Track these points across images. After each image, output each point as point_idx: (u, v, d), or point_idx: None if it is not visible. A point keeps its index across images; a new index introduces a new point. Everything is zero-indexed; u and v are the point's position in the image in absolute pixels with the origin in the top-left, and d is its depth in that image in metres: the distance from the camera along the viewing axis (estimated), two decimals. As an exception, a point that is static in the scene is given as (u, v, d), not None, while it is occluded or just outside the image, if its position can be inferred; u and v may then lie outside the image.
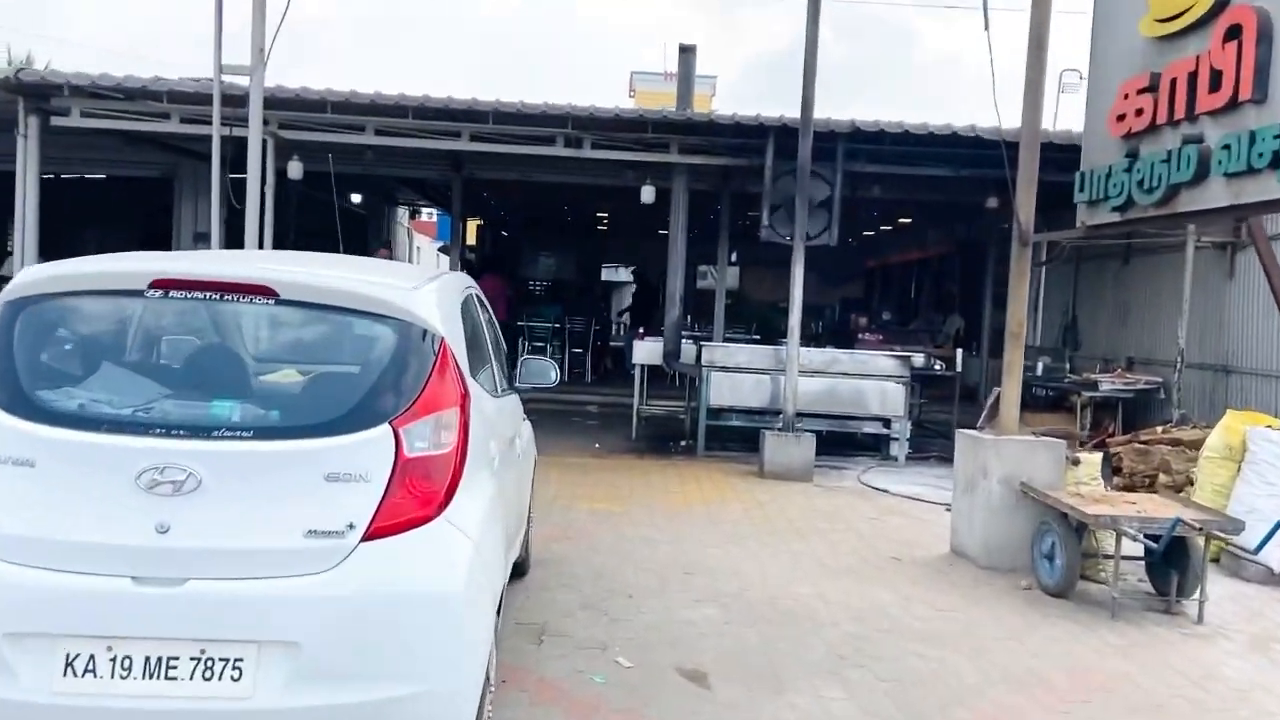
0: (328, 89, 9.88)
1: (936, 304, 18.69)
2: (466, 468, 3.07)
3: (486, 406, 3.68)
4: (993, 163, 10.93)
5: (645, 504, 7.98)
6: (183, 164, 15.11)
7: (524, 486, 5.16)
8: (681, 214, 10.84)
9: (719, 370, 10.34)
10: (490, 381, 4.22)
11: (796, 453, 9.37)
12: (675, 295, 10.89)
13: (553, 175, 14.70)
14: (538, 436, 11.40)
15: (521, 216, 23.50)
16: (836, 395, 10.38)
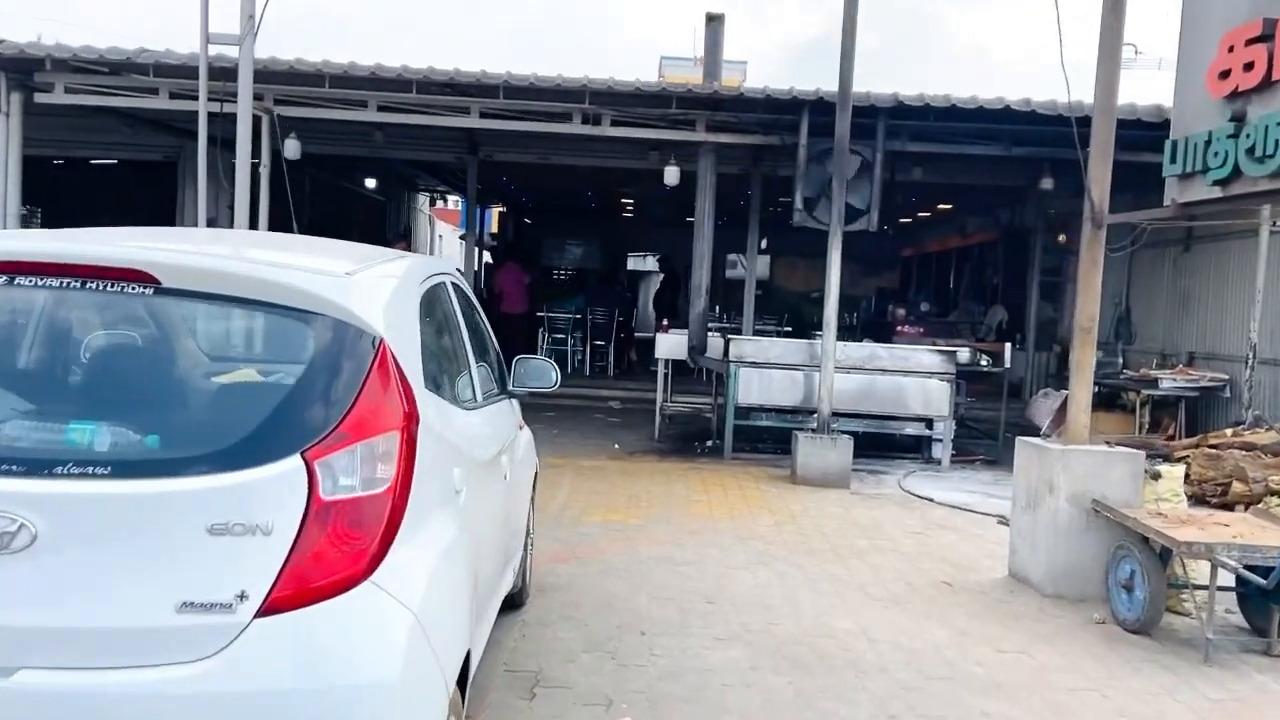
0: (324, 60, 9.17)
1: (978, 295, 17.75)
2: (410, 510, 2.33)
3: (453, 424, 2.94)
4: (1048, 140, 10.06)
5: (665, 515, 7.22)
6: (188, 146, 14.47)
7: (518, 508, 4.43)
8: (708, 198, 10.04)
9: (748, 366, 9.56)
10: (468, 389, 3.48)
11: (832, 457, 8.57)
12: (701, 286, 10.11)
13: (573, 157, 13.97)
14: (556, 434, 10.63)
15: (544, 203, 22.79)
16: (875, 393, 9.56)
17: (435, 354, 3.05)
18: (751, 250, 14.25)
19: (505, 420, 4.22)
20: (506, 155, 14.25)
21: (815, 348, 9.50)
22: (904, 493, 8.60)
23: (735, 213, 18.30)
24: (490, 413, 3.79)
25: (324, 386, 2.28)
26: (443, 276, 3.45)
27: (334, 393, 2.27)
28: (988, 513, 7.89)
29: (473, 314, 4.09)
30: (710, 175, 10.09)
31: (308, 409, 2.25)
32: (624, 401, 13.61)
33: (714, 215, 10.15)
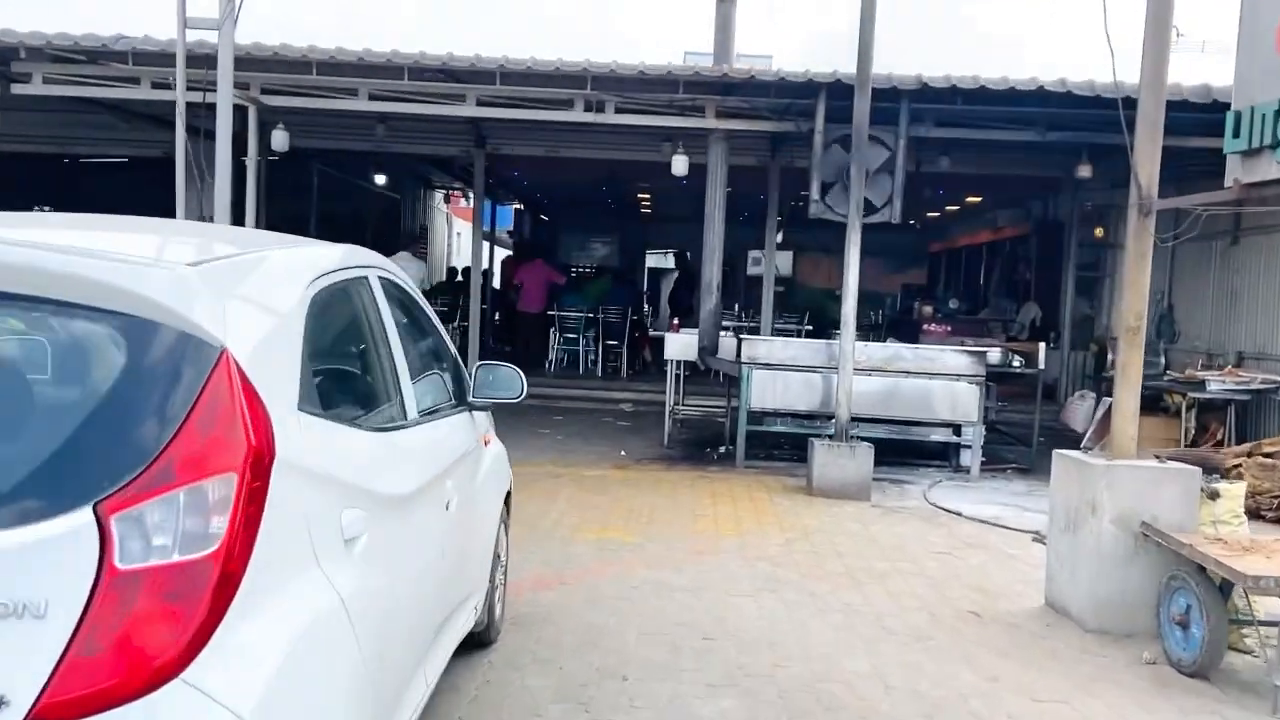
0: (310, 46, 8.64)
1: (1009, 291, 16.99)
2: (257, 574, 1.76)
3: (351, 454, 2.36)
4: (1085, 125, 9.38)
5: (666, 533, 6.63)
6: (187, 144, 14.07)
7: (475, 538, 3.86)
8: (719, 189, 9.44)
9: (761, 368, 8.94)
10: (395, 406, 2.91)
11: (851, 466, 7.94)
12: (712, 282, 9.50)
13: (582, 149, 13.40)
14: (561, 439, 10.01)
15: (560, 199, 22.25)
16: (898, 397, 8.91)
17: (335, 366, 2.49)
18: (769, 245, 13.63)
19: (457, 437, 3.65)
20: (514, 148, 13.71)
21: (834, 348, 8.87)
22: (929, 505, 7.95)
23: (757, 207, 17.67)
24: (430, 431, 3.22)
25: (135, 414, 1.72)
26: (360, 271, 2.88)
27: (148, 422, 1.71)
28: (1022, 529, 7.24)
29: (413, 315, 3.53)
30: (721, 165, 9.48)
31: (109, 445, 1.69)
32: (636, 404, 13.04)
33: (725, 207, 9.54)
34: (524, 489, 7.80)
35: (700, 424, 11.25)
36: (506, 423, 11.12)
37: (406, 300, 3.46)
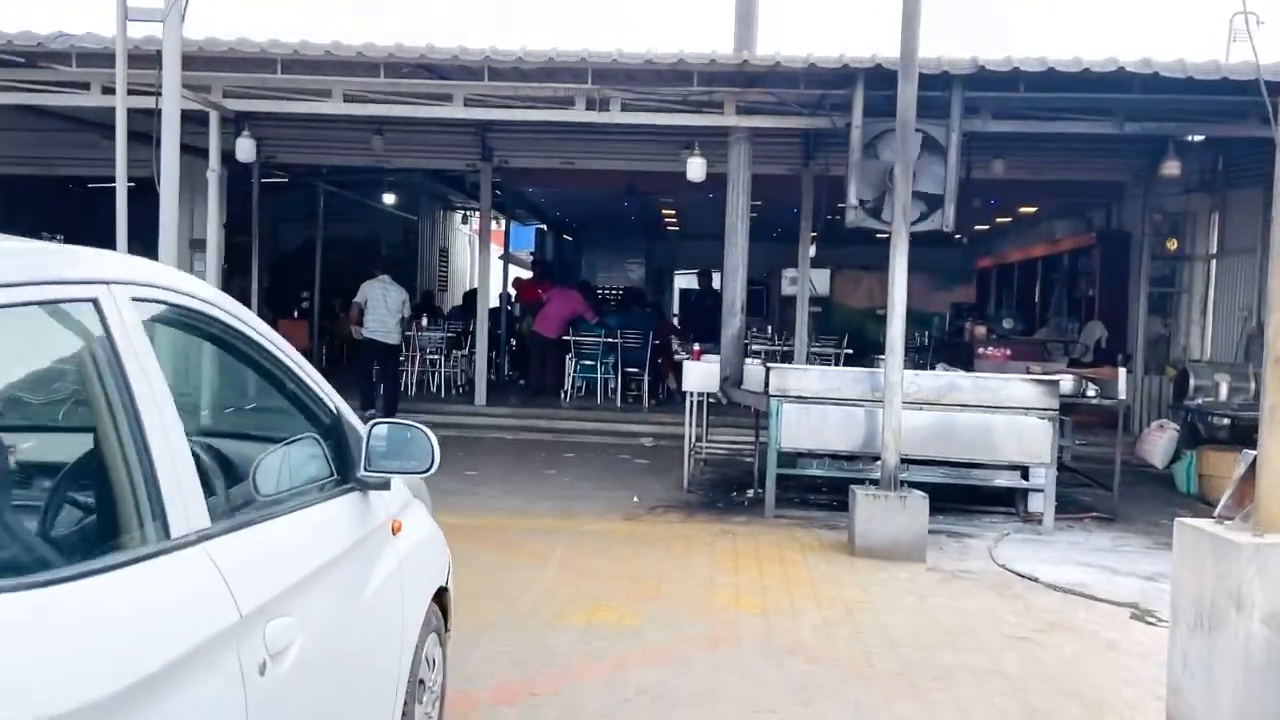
0: (272, 40, 7.57)
1: (1069, 309, 15.55)
2: None
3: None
4: (1176, 113, 8.08)
5: (675, 611, 5.38)
6: (174, 160, 13.16)
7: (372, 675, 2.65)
8: (741, 196, 8.22)
9: (793, 402, 7.68)
10: (140, 520, 1.72)
11: (901, 520, 6.64)
12: (735, 303, 8.26)
13: (597, 159, 12.33)
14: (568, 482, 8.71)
15: (578, 217, 21.19)
16: (955, 434, 7.60)
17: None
18: (803, 262, 12.40)
19: (328, 535, 2.46)
20: (523, 160, 12.66)
21: (878, 378, 7.59)
22: (997, 568, 6.61)
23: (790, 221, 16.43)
24: (229, 548, 2.01)
25: None
26: (73, 292, 1.69)
27: None
28: (1115, 600, 5.90)
29: (250, 361, 2.36)
30: (744, 169, 8.26)
31: None
32: (657, 438, 11.79)
33: (749, 218, 8.32)
34: (509, 551, 6.62)
35: (726, 463, 9.99)
36: (508, 464, 9.95)
37: (228, 337, 2.28)
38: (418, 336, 13.99)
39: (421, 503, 3.53)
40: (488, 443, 11.40)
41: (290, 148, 12.80)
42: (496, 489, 8.66)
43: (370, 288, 11.67)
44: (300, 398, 2.59)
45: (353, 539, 2.62)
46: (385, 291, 11.62)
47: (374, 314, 11.51)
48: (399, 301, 11.68)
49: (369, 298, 11.58)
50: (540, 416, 12.54)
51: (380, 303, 11.53)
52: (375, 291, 11.59)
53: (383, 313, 11.48)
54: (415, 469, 2.75)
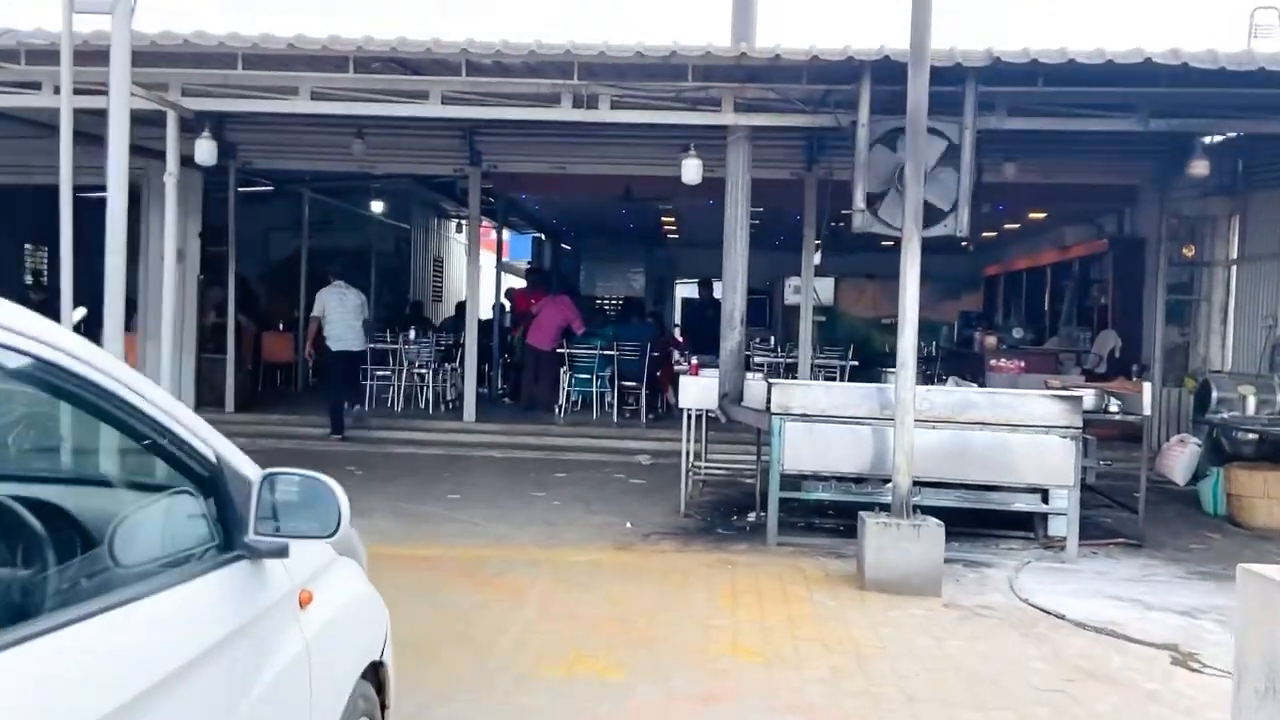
0: (231, 33, 7.03)
1: (1080, 318, 15.01)
2: None
3: None
4: (1206, 108, 7.55)
5: (665, 660, 4.82)
6: (151, 168, 12.65)
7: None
8: (741, 199, 7.68)
9: (797, 420, 7.13)
10: None
11: (915, 551, 6.08)
12: (734, 314, 7.72)
13: (591, 163, 11.83)
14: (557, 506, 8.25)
15: (575, 225, 20.67)
16: (970, 455, 7.04)
17: None
18: (806, 270, 11.86)
19: (192, 628, 1.91)
20: (513, 164, 12.14)
21: (887, 394, 7.05)
22: (1020, 602, 6.05)
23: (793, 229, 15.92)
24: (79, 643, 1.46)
25: None
26: None
27: None
28: (1152, 642, 5.34)
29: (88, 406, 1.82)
30: (743, 171, 7.72)
31: None
32: (655, 455, 11.24)
33: (749, 224, 7.77)
34: (487, 588, 6.04)
35: (726, 483, 9.43)
36: (495, 486, 9.40)
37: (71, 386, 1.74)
38: (404, 349, 13.47)
39: (351, 560, 2.98)
40: (475, 462, 10.85)
41: (267, 152, 12.32)
42: (480, 513, 8.12)
43: (327, 295, 11.30)
44: (170, 450, 2.04)
45: (236, 623, 2.07)
46: (342, 296, 11.26)
47: (336, 322, 11.16)
48: (357, 304, 11.33)
49: (327, 305, 11.21)
50: (532, 433, 11.99)
51: (338, 309, 11.18)
52: (332, 298, 11.23)
53: (344, 320, 11.15)
54: (315, 532, 2.21)
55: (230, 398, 12.50)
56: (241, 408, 12.71)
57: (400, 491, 8.95)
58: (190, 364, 12.69)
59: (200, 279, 12.70)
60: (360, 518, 7.48)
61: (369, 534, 7.64)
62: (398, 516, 7.91)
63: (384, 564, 6.81)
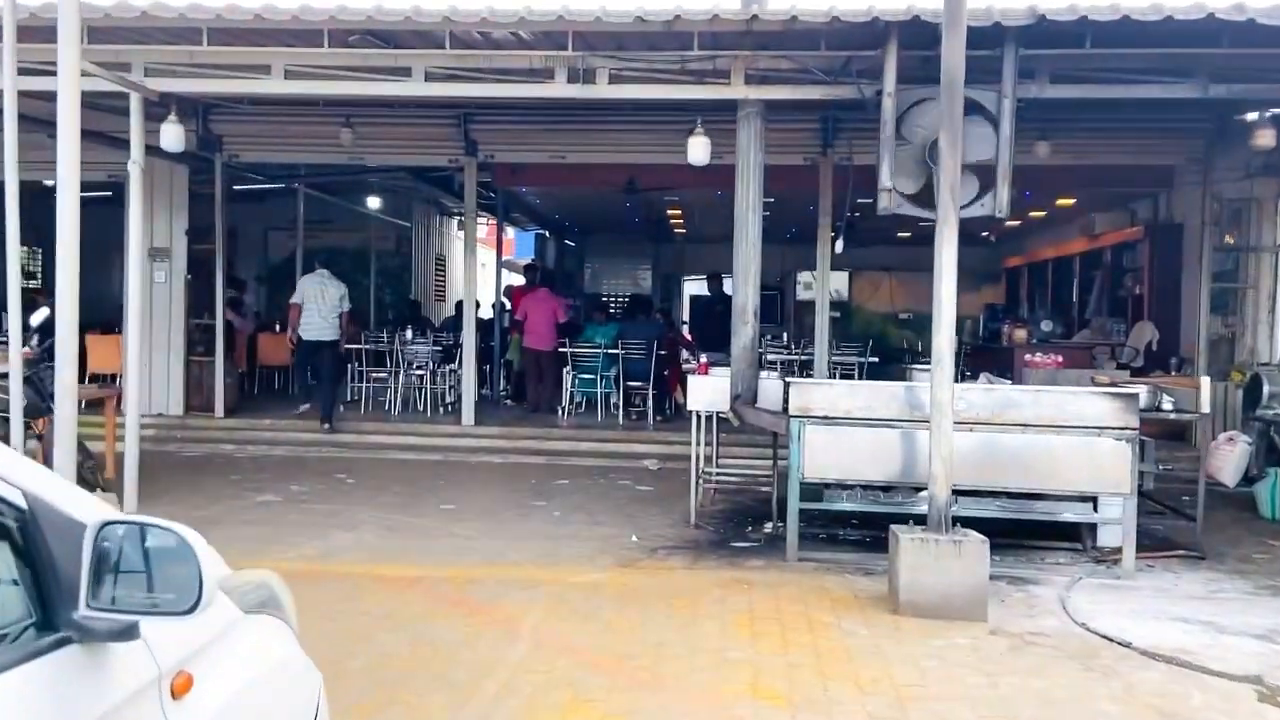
0: (192, 3, 6.36)
1: (1110, 308, 14.27)
2: None
3: None
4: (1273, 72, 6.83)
5: (673, 707, 4.14)
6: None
7: None
8: (753, 182, 6.99)
9: (819, 423, 6.45)
10: None
11: (955, 570, 5.40)
12: (746, 308, 7.03)
13: (593, 151, 11.21)
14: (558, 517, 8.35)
15: (578, 220, 20.01)
16: (1012, 460, 6.36)
17: None
18: (822, 263, 11.17)
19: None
20: (510, 154, 11.49)
21: (916, 394, 6.38)
22: (1077, 627, 5.35)
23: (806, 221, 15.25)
24: None
25: None
26: None
27: None
28: (1232, 674, 4.64)
29: None
30: (755, 151, 7.03)
31: None
32: (663, 459, 10.58)
33: (761, 209, 7.08)
34: (475, 616, 5.38)
35: (740, 490, 8.76)
36: (493, 495, 8.74)
37: None
38: (402, 350, 12.84)
39: (273, 617, 2.32)
40: (473, 469, 10.21)
41: (254, 144, 11.70)
42: (474, 526, 7.48)
43: (307, 282, 11.43)
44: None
45: None
46: (322, 286, 11.29)
47: (310, 311, 11.22)
48: (336, 297, 11.29)
49: (306, 293, 11.31)
50: (533, 437, 11.34)
51: (317, 299, 11.23)
52: (312, 287, 11.30)
53: (319, 310, 11.20)
54: (169, 606, 1.55)
55: (219, 401, 11.89)
56: (232, 412, 12.10)
57: (391, 502, 8.32)
58: (179, 367, 12.09)
59: (188, 279, 12.09)
60: (346, 532, 6.82)
61: (355, 551, 7.05)
62: (387, 531, 7.28)
63: (366, 587, 6.20)
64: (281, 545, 6.73)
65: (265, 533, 7.08)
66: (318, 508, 8.01)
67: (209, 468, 9.90)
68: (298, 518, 7.63)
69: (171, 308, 12.06)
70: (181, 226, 12.01)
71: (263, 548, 6.63)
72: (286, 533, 7.12)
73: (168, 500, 8.18)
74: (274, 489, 8.79)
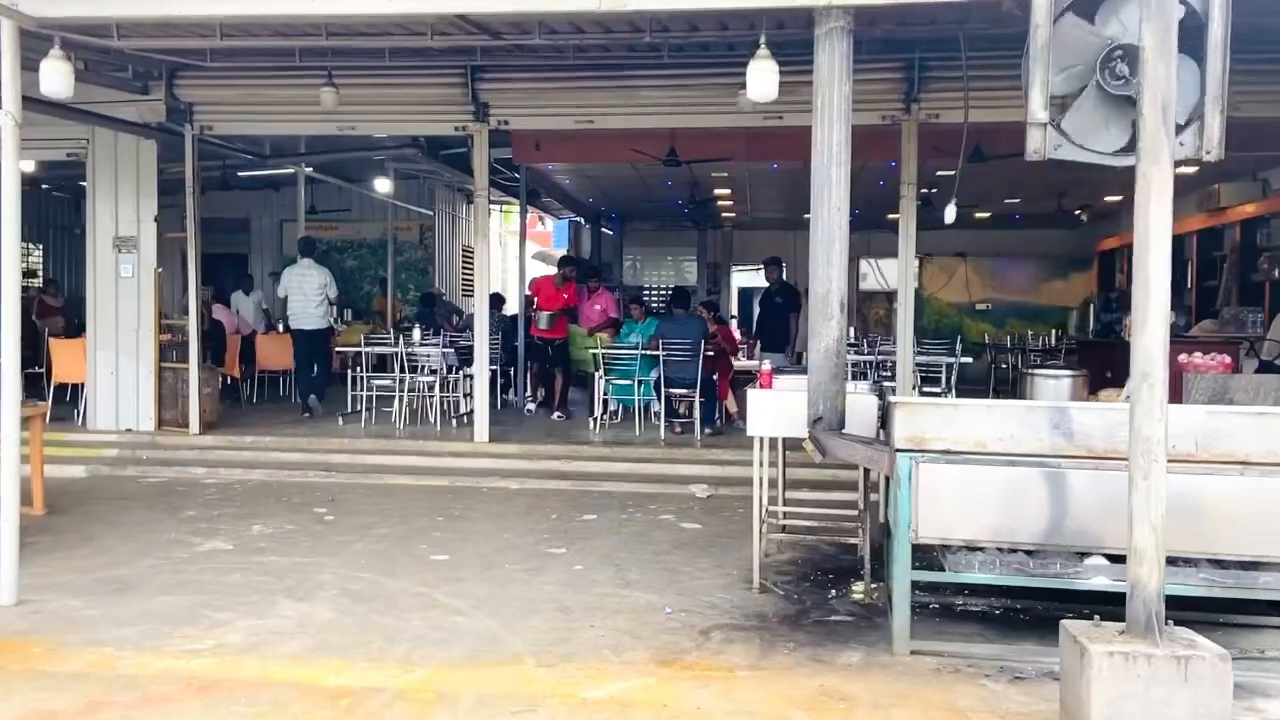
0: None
1: (1241, 296, 12.12)
2: None
3: None
4: None
5: None
6: (99, 135, 10.45)
7: None
8: (838, 122, 5.02)
9: (939, 459, 4.52)
10: None
11: (1181, 704, 3.45)
12: (830, 296, 5.09)
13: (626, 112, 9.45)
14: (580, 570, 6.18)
15: (616, 205, 18.15)
16: (1226, 513, 4.38)
17: None
18: (905, 242, 9.17)
19: None
20: (529, 118, 9.69)
21: (1071, 417, 4.43)
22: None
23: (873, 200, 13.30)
24: None
25: None
26: None
27: None
28: None
29: None
30: (841, 79, 5.05)
31: None
32: (713, 484, 8.71)
33: (847, 157, 5.13)
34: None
35: (814, 528, 6.82)
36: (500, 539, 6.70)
37: None
38: (408, 353, 11.08)
39: None
40: (483, 497, 8.41)
41: (228, 113, 10.03)
42: (467, 591, 5.66)
43: (288, 273, 11.42)
44: None
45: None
46: (303, 276, 11.22)
47: (294, 301, 11.26)
48: (317, 284, 11.18)
49: (288, 285, 11.31)
50: (558, 456, 9.51)
51: (298, 289, 11.20)
52: (294, 278, 11.27)
53: (301, 298, 11.17)
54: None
55: (194, 416, 10.22)
56: (211, 426, 10.44)
57: (370, 551, 6.54)
58: (149, 376, 10.44)
59: (158, 272, 10.44)
60: (296, 602, 4.55)
61: (296, 635, 4.61)
62: (349, 600, 5.47)
63: (283, 709, 3.90)
64: (198, 627, 4.96)
65: (187, 605, 5.32)
66: (272, 562, 6.25)
67: (164, 500, 8.20)
68: (241, 579, 5.86)
69: (140, 306, 10.42)
70: (149, 210, 10.36)
71: (171, 630, 4.89)
72: (217, 603, 5.35)
73: (87, 551, 6.47)
74: (229, 532, 7.05)
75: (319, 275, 11.20)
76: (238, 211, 19.62)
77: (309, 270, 11.22)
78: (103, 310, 10.47)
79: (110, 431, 10.36)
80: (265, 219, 19.87)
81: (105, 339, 10.47)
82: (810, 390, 5.14)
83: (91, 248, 10.52)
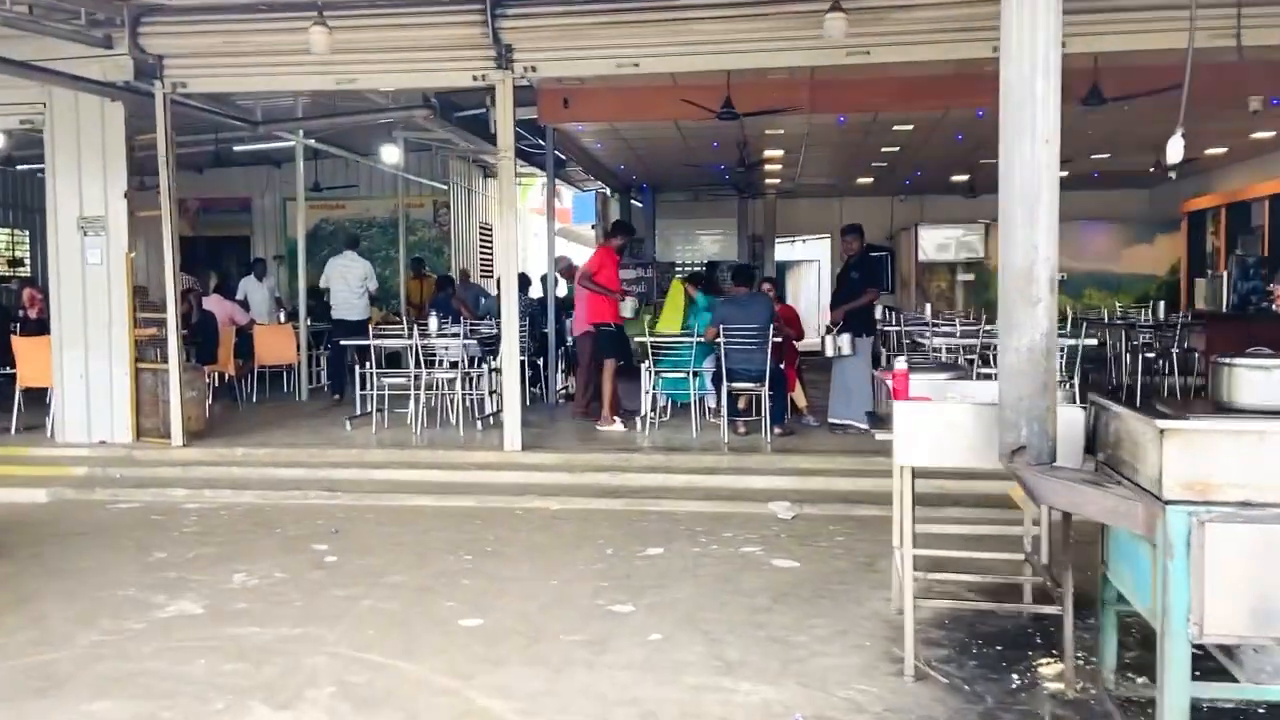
0: None
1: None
2: None
3: None
4: None
5: None
6: (57, 98, 8.93)
7: None
8: (1043, 13, 3.44)
9: (1233, 516, 2.93)
10: None
11: None
12: (1035, 270, 3.45)
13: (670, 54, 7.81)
14: (653, 644, 5.05)
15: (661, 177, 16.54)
16: None
17: None
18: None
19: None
20: (558, 64, 8.11)
21: None
22: None
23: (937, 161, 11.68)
24: None
25: None
26: None
27: None
28: None
29: None
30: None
31: None
32: (796, 500, 7.15)
33: (1058, 68, 3.54)
34: None
35: (961, 565, 5.23)
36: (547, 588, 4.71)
37: None
38: (421, 347, 9.52)
39: None
40: (518, 524, 6.89)
41: (204, 67, 8.52)
42: (511, 681, 4.13)
43: (332, 264, 11.29)
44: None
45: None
46: (347, 267, 11.11)
47: (337, 293, 11.10)
48: (360, 277, 11.05)
49: (331, 275, 11.18)
50: (604, 467, 7.97)
51: (341, 280, 11.08)
52: (337, 268, 11.16)
53: (345, 291, 11.06)
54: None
55: (176, 425, 8.75)
56: (198, 436, 8.98)
57: (378, 611, 5.03)
58: (124, 378, 8.97)
59: (131, 256, 8.94)
60: (275, 712, 3.29)
61: None
62: (350, 706, 3.95)
63: None
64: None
65: (128, 715, 3.81)
66: (251, 637, 4.73)
67: (133, 535, 6.70)
68: (206, 669, 4.34)
69: (111, 296, 8.93)
70: (118, 186, 8.84)
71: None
72: (166, 716, 3.84)
73: (16, 621, 4.98)
74: (203, 585, 5.55)
75: (361, 267, 11.11)
76: (238, 190, 18.18)
77: (353, 262, 11.12)
78: (68, 303, 9.00)
79: (81, 445, 8.91)
80: (267, 197, 18.43)
81: (73, 336, 8.99)
82: (1006, 406, 3.55)
83: (54, 230, 9.02)
